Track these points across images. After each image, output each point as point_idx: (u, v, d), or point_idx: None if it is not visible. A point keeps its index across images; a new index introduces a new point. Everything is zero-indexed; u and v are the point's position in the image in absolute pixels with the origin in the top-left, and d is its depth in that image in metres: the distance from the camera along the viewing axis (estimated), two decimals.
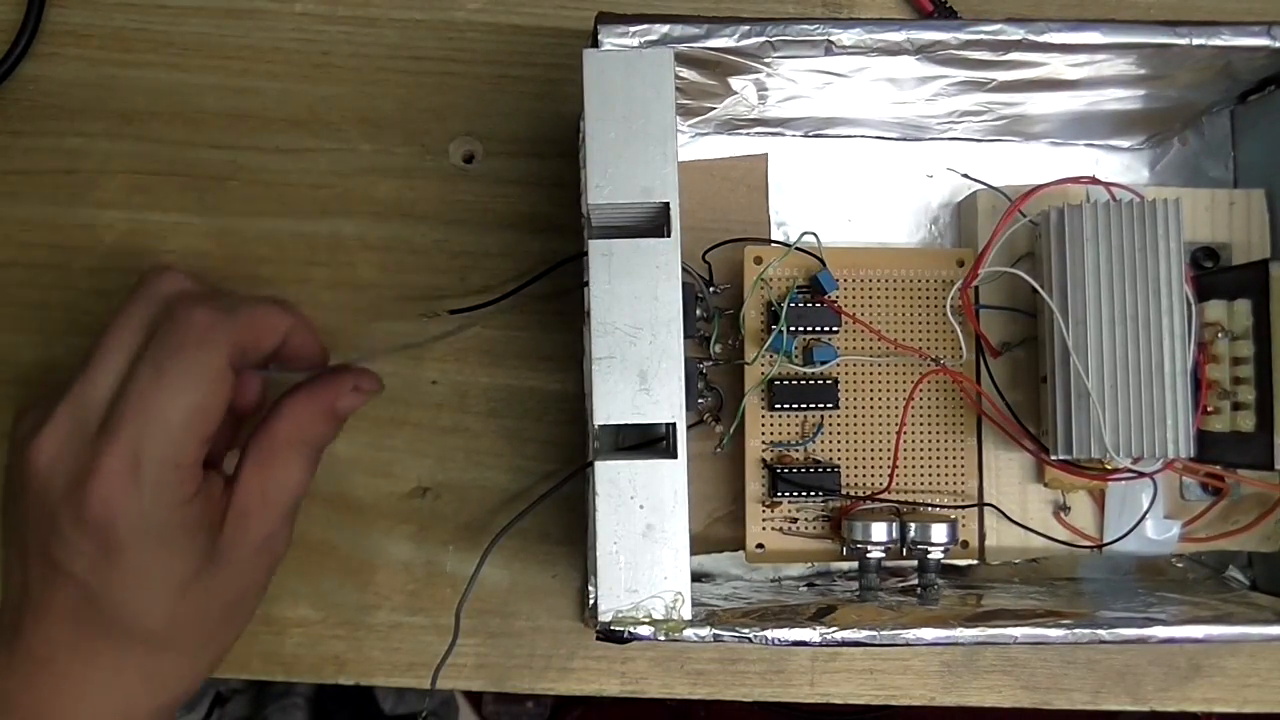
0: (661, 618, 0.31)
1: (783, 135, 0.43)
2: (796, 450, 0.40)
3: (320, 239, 0.42)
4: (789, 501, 0.39)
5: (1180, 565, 0.42)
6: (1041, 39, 0.35)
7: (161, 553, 0.32)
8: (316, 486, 0.41)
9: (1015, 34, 0.35)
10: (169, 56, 0.42)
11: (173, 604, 0.33)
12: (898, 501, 0.40)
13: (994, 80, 0.38)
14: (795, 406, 0.39)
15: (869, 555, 0.38)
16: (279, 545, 0.35)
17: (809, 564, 0.41)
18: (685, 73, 0.36)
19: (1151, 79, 0.38)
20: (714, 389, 0.40)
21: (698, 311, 0.39)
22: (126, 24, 0.43)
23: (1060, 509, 0.41)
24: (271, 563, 0.35)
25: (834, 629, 0.34)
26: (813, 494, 0.39)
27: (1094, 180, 0.39)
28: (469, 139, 0.43)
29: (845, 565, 0.41)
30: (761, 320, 0.40)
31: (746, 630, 0.34)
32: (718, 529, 0.41)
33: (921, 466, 0.40)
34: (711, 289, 0.40)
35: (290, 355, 0.36)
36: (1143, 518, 0.40)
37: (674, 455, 0.31)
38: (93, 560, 0.31)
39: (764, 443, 0.40)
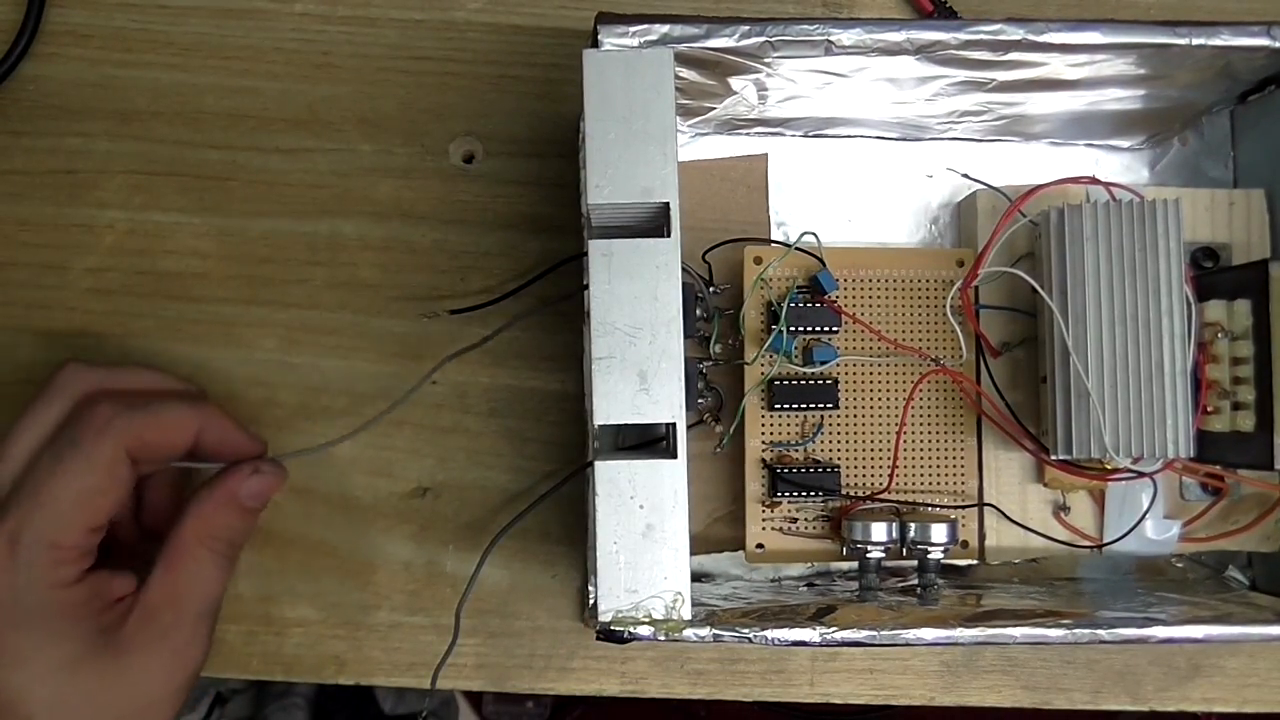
0: (661, 618, 0.31)
1: (783, 135, 0.43)
2: (796, 450, 0.40)
3: (320, 239, 0.42)
4: (789, 501, 0.39)
5: (1180, 565, 0.42)
6: (1041, 39, 0.35)
7: (37, 633, 0.32)
8: (317, 486, 0.41)
9: (1015, 34, 0.35)
10: (169, 56, 0.42)
11: (54, 690, 0.32)
12: (898, 501, 0.40)
13: (994, 80, 0.38)
14: (795, 406, 0.39)
15: (869, 555, 0.38)
16: (193, 651, 0.35)
17: (809, 564, 0.41)
18: (685, 73, 0.36)
19: (1151, 79, 0.38)
20: (714, 389, 0.40)
21: (698, 311, 0.39)
22: (126, 24, 0.43)
23: (1060, 509, 0.41)
24: (185, 672, 0.35)
25: (834, 629, 0.34)
26: (813, 494, 0.39)
27: (1094, 180, 0.39)
28: (469, 139, 0.43)
29: (845, 565, 0.41)
30: (761, 320, 0.40)
31: (746, 630, 0.34)
32: (718, 529, 0.41)
33: (921, 466, 0.40)
34: (711, 289, 0.40)
35: (210, 453, 0.36)
36: (1143, 518, 0.40)
37: (674, 455, 0.31)
38: None
39: (764, 443, 0.40)
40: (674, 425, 0.31)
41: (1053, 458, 0.38)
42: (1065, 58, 0.36)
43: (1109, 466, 0.38)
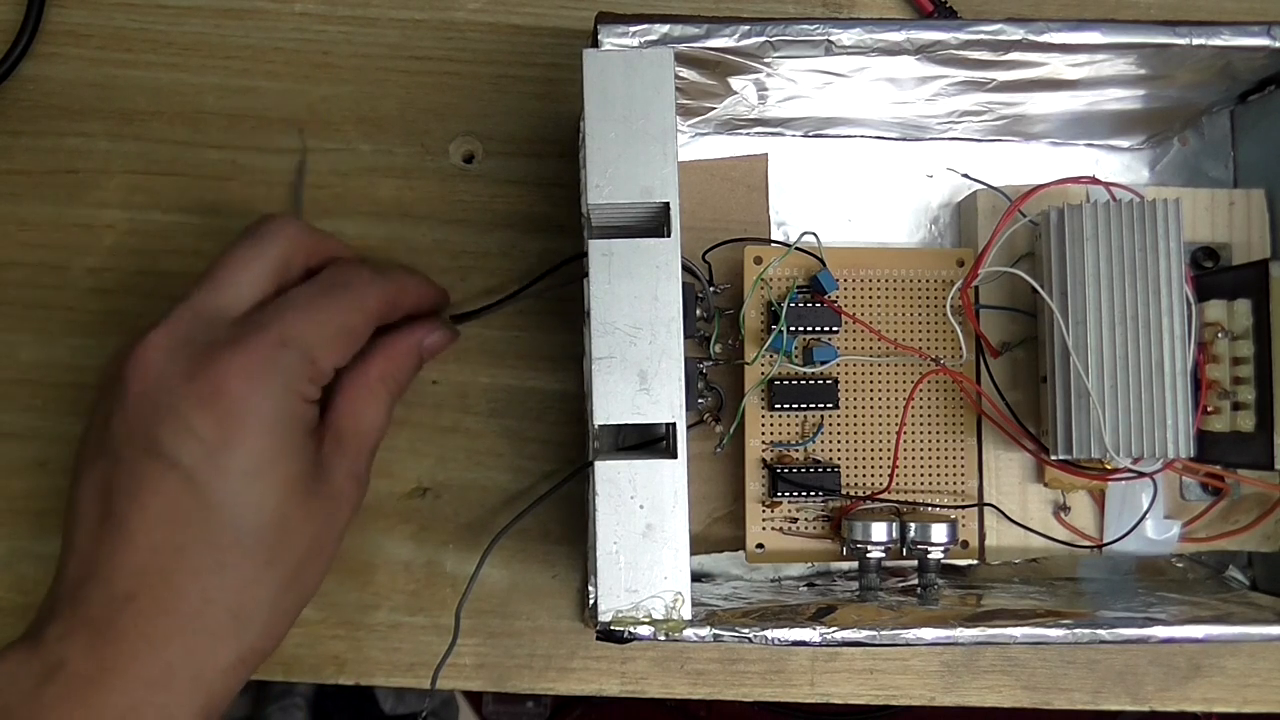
0: (661, 618, 0.31)
1: (783, 135, 0.43)
2: (796, 450, 0.40)
3: None
4: (789, 501, 0.39)
5: (1180, 565, 0.42)
6: (1041, 39, 0.35)
7: (277, 443, 0.32)
8: None
9: (1015, 34, 0.35)
10: (169, 56, 0.42)
11: (280, 504, 0.32)
12: (898, 501, 0.40)
13: (994, 80, 0.38)
14: (795, 406, 0.39)
15: (869, 555, 0.38)
16: (362, 484, 0.36)
17: (809, 564, 0.41)
18: (685, 73, 0.36)
19: (1151, 79, 0.38)
20: (714, 389, 0.40)
21: (698, 311, 0.39)
22: (126, 24, 0.43)
23: (1060, 509, 0.41)
24: (355, 505, 0.35)
25: (834, 629, 0.34)
26: (813, 494, 0.39)
27: (1094, 180, 0.39)
28: (469, 139, 0.43)
29: (845, 565, 0.41)
30: (761, 320, 0.40)
31: (746, 630, 0.34)
32: (718, 529, 0.41)
33: (921, 466, 0.40)
34: (711, 289, 0.40)
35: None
36: (1143, 518, 0.40)
37: (674, 455, 0.31)
38: (208, 445, 0.31)
39: (764, 443, 0.40)
40: (674, 425, 0.31)
41: (1053, 458, 0.38)
42: (1065, 58, 0.36)
43: (1109, 466, 0.38)
